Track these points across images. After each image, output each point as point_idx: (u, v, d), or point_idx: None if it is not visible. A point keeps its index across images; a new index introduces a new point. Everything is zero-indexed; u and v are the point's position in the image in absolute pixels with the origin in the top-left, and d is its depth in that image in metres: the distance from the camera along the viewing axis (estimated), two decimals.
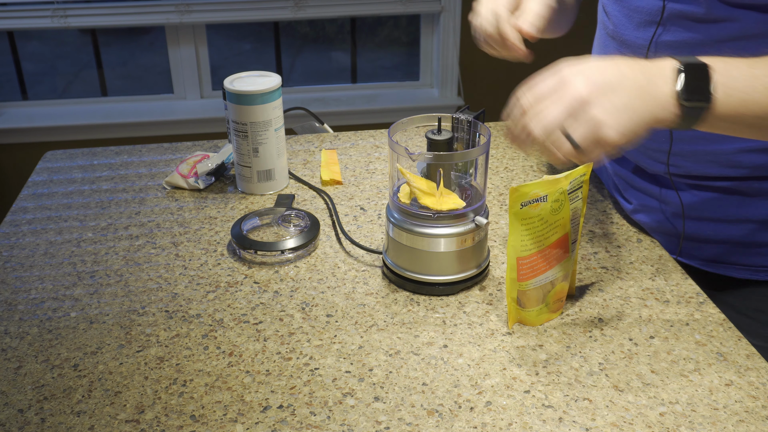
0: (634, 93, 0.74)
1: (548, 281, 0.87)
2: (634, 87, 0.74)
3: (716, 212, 1.01)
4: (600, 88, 0.73)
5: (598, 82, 0.73)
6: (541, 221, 0.84)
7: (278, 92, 1.16)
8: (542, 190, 0.82)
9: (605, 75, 0.74)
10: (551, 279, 0.88)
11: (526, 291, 0.87)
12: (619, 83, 0.73)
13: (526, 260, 0.85)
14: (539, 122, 0.75)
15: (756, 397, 0.78)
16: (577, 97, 0.73)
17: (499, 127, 1.41)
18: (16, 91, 2.75)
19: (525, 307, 0.88)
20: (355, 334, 0.88)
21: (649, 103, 0.74)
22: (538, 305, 0.88)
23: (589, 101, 0.72)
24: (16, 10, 2.49)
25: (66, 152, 1.36)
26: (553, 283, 0.88)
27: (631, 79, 0.74)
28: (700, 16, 0.90)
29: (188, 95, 2.71)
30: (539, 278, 0.87)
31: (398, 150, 0.91)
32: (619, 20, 1.01)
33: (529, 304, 0.88)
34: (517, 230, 0.83)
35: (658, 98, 0.74)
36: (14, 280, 1.00)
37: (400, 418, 0.76)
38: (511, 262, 0.85)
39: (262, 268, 1.02)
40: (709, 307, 0.92)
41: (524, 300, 0.87)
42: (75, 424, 0.76)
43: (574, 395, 0.79)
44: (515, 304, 0.88)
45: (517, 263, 0.85)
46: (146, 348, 0.87)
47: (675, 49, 0.92)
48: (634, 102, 0.73)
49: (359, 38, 2.95)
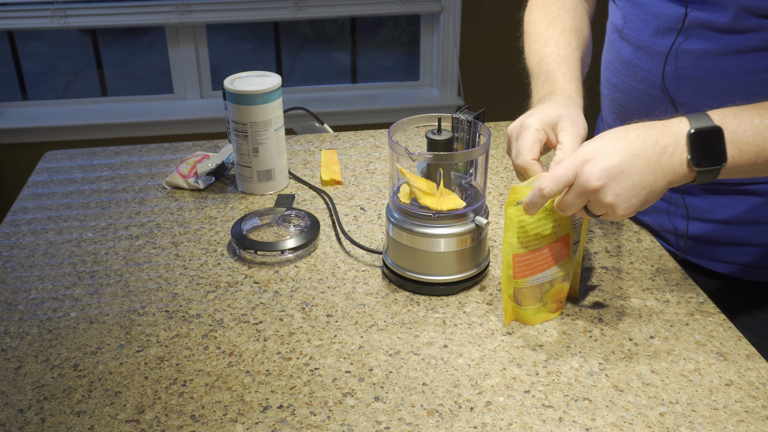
0: (646, 170, 0.78)
1: (547, 280, 0.87)
2: (646, 165, 0.78)
3: (720, 214, 1.01)
4: (611, 175, 0.77)
5: (609, 169, 0.77)
6: (539, 220, 0.84)
7: (278, 92, 1.16)
8: None
9: (615, 159, 0.77)
10: (550, 278, 0.88)
11: (523, 288, 0.87)
12: (630, 166, 0.77)
13: (522, 258, 0.85)
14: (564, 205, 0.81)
15: (756, 397, 0.78)
16: (591, 189, 0.77)
17: (499, 127, 1.41)
18: (16, 91, 2.75)
19: (522, 305, 0.88)
20: (355, 334, 0.88)
21: (661, 176, 0.78)
22: (535, 304, 0.88)
23: (600, 190, 0.77)
24: (16, 10, 2.49)
25: (66, 152, 1.36)
26: (552, 283, 0.88)
27: (642, 158, 0.77)
28: (725, 25, 0.89)
29: (188, 95, 2.71)
30: (537, 276, 0.87)
31: (398, 150, 0.91)
32: (636, 25, 1.00)
33: (526, 302, 0.88)
34: (512, 227, 0.83)
35: (671, 169, 0.78)
36: (14, 280, 1.00)
37: (400, 418, 0.76)
38: (507, 258, 0.85)
39: (262, 268, 1.02)
40: (709, 307, 0.92)
41: (521, 297, 0.87)
42: (75, 424, 0.76)
43: (574, 395, 0.79)
44: (511, 301, 0.88)
45: (513, 260, 0.85)
46: (146, 348, 0.87)
47: (695, 57, 0.92)
48: (645, 180, 0.78)
49: (359, 38, 2.95)
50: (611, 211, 0.79)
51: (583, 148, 0.80)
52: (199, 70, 2.68)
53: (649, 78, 0.99)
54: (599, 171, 0.77)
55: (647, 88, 1.00)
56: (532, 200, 0.80)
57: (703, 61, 0.93)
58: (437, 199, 0.92)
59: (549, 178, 0.79)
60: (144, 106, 2.69)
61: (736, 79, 0.92)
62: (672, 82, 0.97)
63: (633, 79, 1.02)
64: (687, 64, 0.94)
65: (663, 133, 0.79)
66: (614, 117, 1.10)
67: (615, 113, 1.09)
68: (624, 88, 1.04)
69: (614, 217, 0.80)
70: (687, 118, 0.79)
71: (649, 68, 0.99)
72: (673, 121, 0.80)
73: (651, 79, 0.99)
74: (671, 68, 0.96)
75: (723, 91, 0.93)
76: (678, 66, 0.95)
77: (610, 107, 1.10)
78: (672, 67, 0.96)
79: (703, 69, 0.93)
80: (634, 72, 1.01)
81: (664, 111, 0.99)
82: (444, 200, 0.92)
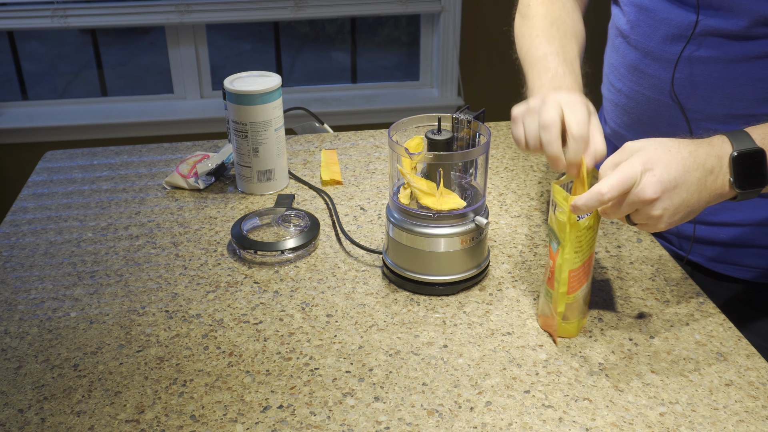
0: (694, 188, 0.77)
1: (587, 289, 0.86)
2: (695, 183, 0.77)
3: (724, 215, 1.00)
4: (666, 189, 0.76)
5: (665, 182, 0.76)
6: (589, 230, 0.82)
7: (278, 92, 1.16)
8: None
9: (671, 173, 0.76)
10: (587, 287, 0.87)
11: (573, 303, 0.85)
12: (682, 181, 0.77)
13: (576, 272, 0.83)
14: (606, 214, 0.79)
15: (756, 397, 0.78)
16: (646, 200, 0.76)
17: (499, 127, 1.41)
18: (16, 91, 2.75)
19: (568, 320, 0.86)
20: (355, 334, 0.88)
21: (705, 195, 0.78)
22: (578, 315, 0.86)
23: (654, 202, 0.76)
24: (16, 10, 2.49)
25: (66, 152, 1.36)
26: (588, 290, 0.87)
27: (693, 175, 0.77)
28: (738, 32, 0.89)
29: (188, 95, 2.71)
30: (582, 288, 0.85)
31: (398, 150, 0.91)
32: (644, 31, 0.99)
33: (572, 315, 0.86)
34: (569, 242, 0.80)
35: (714, 189, 0.78)
36: (14, 280, 1.00)
37: (400, 418, 0.76)
38: (563, 276, 0.82)
39: (262, 268, 1.01)
40: (709, 307, 0.92)
41: (568, 313, 0.85)
42: (75, 424, 0.76)
43: (574, 395, 0.79)
44: (561, 319, 0.85)
45: (569, 276, 0.82)
46: (146, 348, 0.87)
47: (706, 64, 0.91)
48: (692, 197, 0.77)
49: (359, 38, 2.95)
50: (653, 223, 0.78)
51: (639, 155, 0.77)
52: (199, 70, 2.68)
53: (658, 84, 0.98)
54: (656, 183, 0.75)
55: (655, 95, 0.99)
56: (587, 204, 0.77)
57: (714, 68, 0.92)
58: (437, 199, 0.92)
59: (610, 184, 0.75)
60: (144, 106, 2.69)
61: (748, 87, 0.91)
62: (682, 89, 0.96)
63: (640, 85, 1.01)
64: (698, 71, 0.93)
65: (710, 153, 0.78)
66: (618, 122, 1.09)
67: (618, 117, 1.09)
68: (630, 93, 1.04)
69: (653, 228, 0.79)
70: (728, 138, 0.79)
71: (658, 75, 0.98)
72: (715, 140, 0.79)
73: (659, 85, 0.98)
74: (681, 75, 0.95)
75: (734, 98, 0.92)
76: (688, 73, 0.94)
77: (614, 111, 1.10)
78: (681, 74, 0.95)
79: (714, 76, 0.93)
80: (641, 78, 1.00)
81: (672, 117, 0.98)
82: (444, 200, 0.92)
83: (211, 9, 2.55)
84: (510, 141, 1.36)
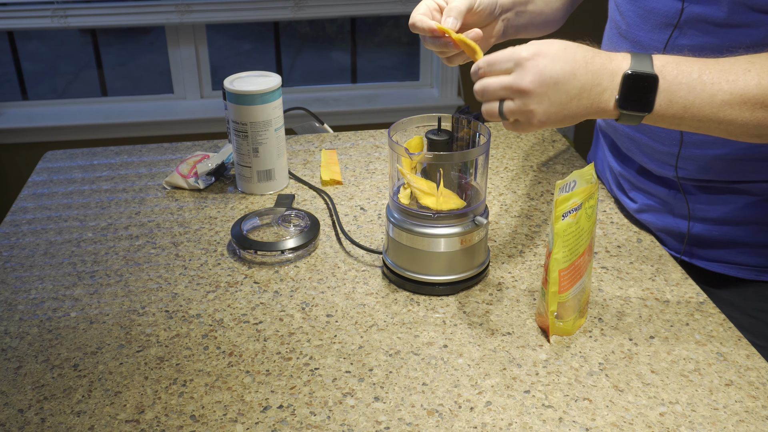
0: (575, 93, 0.77)
1: (581, 289, 0.86)
2: (578, 87, 0.77)
3: (723, 214, 1.00)
4: (544, 84, 0.76)
5: (545, 77, 0.76)
6: (578, 230, 0.82)
7: (278, 92, 1.16)
8: (579, 198, 0.81)
9: (555, 69, 0.76)
10: (583, 286, 0.87)
11: (565, 302, 0.85)
12: (565, 81, 0.76)
13: (566, 271, 0.83)
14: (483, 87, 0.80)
15: (756, 397, 0.78)
16: (522, 88, 0.77)
17: (498, 127, 1.41)
18: (16, 91, 2.75)
19: (562, 318, 0.86)
20: (355, 334, 0.88)
21: (586, 105, 0.78)
22: (574, 314, 0.87)
23: (530, 94, 0.77)
24: (16, 10, 2.49)
25: (66, 152, 1.36)
26: (584, 289, 0.87)
27: (578, 79, 0.77)
28: (721, 20, 0.89)
29: (188, 95, 2.71)
30: (575, 287, 0.85)
31: (398, 150, 0.91)
32: (633, 20, 1.00)
33: (566, 314, 0.86)
34: (559, 242, 0.81)
35: (597, 103, 0.78)
36: (14, 280, 1.00)
37: (400, 418, 0.76)
38: (553, 276, 0.82)
39: (262, 268, 1.02)
40: (709, 307, 0.92)
41: (562, 312, 0.85)
42: (75, 424, 0.76)
43: (574, 395, 0.79)
44: (553, 317, 0.85)
45: (559, 276, 0.83)
46: (146, 348, 0.87)
47: (691, 52, 0.92)
48: (571, 102, 0.77)
49: (359, 38, 2.95)
50: (525, 120, 0.79)
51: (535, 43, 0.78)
52: (199, 70, 2.68)
53: None
54: (536, 73, 0.76)
55: None
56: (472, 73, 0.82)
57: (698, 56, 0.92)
58: (437, 199, 0.92)
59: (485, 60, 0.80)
60: (144, 106, 2.69)
61: None
62: None
63: None
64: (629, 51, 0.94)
65: (605, 65, 0.78)
66: None
67: None
68: None
69: (524, 127, 0.80)
70: (631, 56, 0.79)
71: None
72: (617, 55, 0.79)
73: None
74: None
75: None
76: None
77: None
78: None
79: None
80: None
81: None
82: (444, 200, 0.92)
83: (211, 9, 2.55)
84: (510, 141, 1.36)
